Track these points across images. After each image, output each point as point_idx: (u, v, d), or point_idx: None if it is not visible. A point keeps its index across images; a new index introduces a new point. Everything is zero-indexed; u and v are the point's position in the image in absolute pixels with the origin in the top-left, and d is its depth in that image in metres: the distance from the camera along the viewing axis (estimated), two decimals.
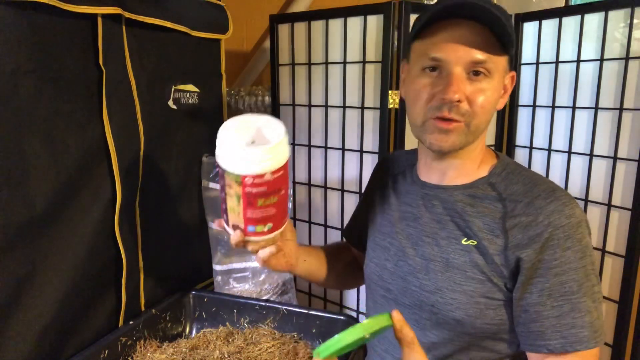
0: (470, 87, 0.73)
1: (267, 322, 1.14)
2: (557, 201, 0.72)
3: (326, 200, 1.58)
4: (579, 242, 0.71)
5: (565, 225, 0.71)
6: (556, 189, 0.75)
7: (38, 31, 0.85)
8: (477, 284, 0.75)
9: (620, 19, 1.30)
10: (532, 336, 0.72)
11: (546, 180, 0.78)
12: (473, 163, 0.81)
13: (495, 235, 0.75)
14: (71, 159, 0.93)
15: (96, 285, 1.01)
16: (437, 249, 0.80)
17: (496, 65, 0.73)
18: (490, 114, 0.77)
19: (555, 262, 0.70)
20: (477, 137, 0.78)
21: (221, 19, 1.34)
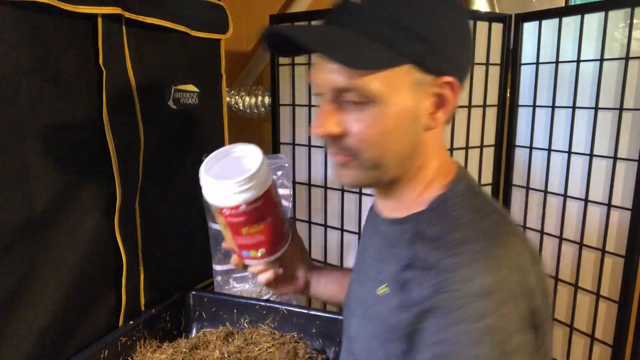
0: (347, 117, 0.57)
1: (267, 322, 1.14)
2: (458, 257, 0.53)
3: (326, 200, 1.57)
4: (473, 321, 0.50)
5: (456, 291, 0.51)
6: (473, 240, 0.54)
7: (38, 31, 0.85)
8: (379, 343, 0.61)
9: (620, 19, 1.30)
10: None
11: (480, 223, 0.56)
12: (409, 194, 0.63)
13: (396, 288, 0.59)
14: (71, 159, 0.93)
15: (96, 285, 1.01)
16: (363, 289, 0.68)
17: (385, 86, 0.54)
18: (398, 143, 0.58)
19: (435, 338, 0.52)
20: (397, 169, 0.60)
21: (221, 19, 1.34)
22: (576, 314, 1.48)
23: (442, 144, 0.64)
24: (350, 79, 0.54)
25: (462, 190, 0.61)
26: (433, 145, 0.62)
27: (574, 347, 1.50)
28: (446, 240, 0.55)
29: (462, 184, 0.62)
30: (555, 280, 1.52)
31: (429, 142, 0.61)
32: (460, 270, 0.52)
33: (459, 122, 1.54)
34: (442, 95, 0.57)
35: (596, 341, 1.43)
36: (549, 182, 1.51)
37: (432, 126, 0.59)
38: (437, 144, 0.63)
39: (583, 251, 1.44)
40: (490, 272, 0.52)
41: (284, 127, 1.63)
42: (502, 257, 0.53)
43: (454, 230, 0.56)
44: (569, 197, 1.46)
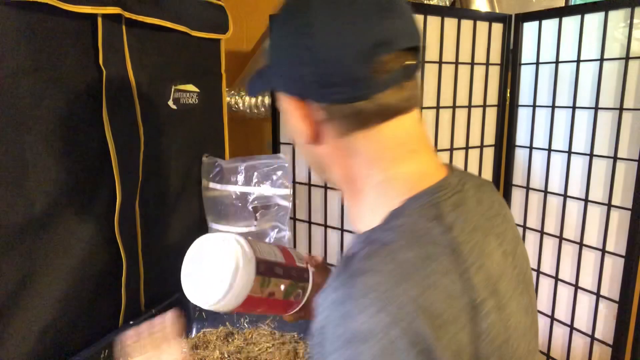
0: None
1: (267, 322, 1.14)
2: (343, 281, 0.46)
3: (326, 200, 1.58)
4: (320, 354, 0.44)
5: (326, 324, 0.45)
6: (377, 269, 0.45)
7: (38, 31, 0.85)
8: None
9: (620, 19, 1.30)
10: None
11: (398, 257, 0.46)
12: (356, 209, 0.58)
13: None
14: (71, 159, 0.93)
15: (96, 285, 1.01)
16: None
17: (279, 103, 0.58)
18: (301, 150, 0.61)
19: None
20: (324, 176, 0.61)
21: (221, 19, 1.34)
22: (576, 314, 1.48)
23: (386, 159, 0.54)
24: None
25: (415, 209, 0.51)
26: (345, 159, 0.55)
27: (574, 347, 1.50)
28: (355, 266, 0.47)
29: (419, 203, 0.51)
30: (556, 280, 1.52)
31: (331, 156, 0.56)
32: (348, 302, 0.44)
33: (459, 122, 1.54)
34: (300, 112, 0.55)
35: (596, 341, 1.43)
36: (549, 182, 1.52)
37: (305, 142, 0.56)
38: (362, 159, 0.54)
39: (583, 251, 1.44)
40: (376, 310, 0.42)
41: (284, 127, 1.63)
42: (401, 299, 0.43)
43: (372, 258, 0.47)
44: (569, 197, 1.46)
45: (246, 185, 1.27)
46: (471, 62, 1.52)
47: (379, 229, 0.51)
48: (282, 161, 1.28)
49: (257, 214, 1.29)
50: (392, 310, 0.41)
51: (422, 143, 0.56)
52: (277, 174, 1.27)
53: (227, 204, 1.28)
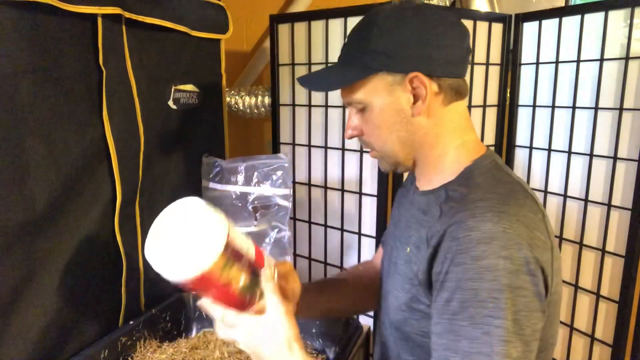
0: (359, 120, 0.78)
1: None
2: (466, 211, 0.65)
3: (326, 200, 1.57)
4: (474, 261, 0.61)
5: (460, 238, 0.63)
6: (487, 199, 0.66)
7: (38, 31, 0.85)
8: (404, 293, 0.75)
9: (620, 19, 1.30)
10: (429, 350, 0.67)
11: (498, 188, 0.69)
12: (434, 170, 0.77)
13: (424, 245, 0.71)
14: (71, 159, 0.93)
15: (96, 285, 1.02)
16: (396, 252, 0.81)
17: (366, 93, 0.74)
18: (393, 132, 0.75)
19: (446, 276, 0.64)
20: (405, 152, 0.77)
21: (221, 19, 1.34)
22: (576, 314, 1.48)
23: (461, 128, 0.76)
24: (347, 96, 0.76)
25: (487, 164, 0.74)
26: (438, 129, 0.75)
27: (574, 347, 1.50)
28: (465, 199, 0.68)
29: (487, 160, 0.74)
30: None
31: (428, 126, 0.75)
32: (469, 220, 0.63)
33: None
34: (415, 89, 0.72)
35: (596, 341, 1.43)
36: (549, 182, 1.52)
37: (416, 114, 0.73)
38: (448, 127, 0.75)
39: (583, 251, 1.44)
40: (494, 222, 0.62)
41: (284, 127, 1.63)
42: (510, 212, 0.63)
43: (473, 192, 0.68)
44: (569, 197, 1.46)
45: (246, 185, 1.27)
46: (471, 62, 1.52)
47: (464, 177, 0.72)
48: (282, 161, 1.28)
49: (257, 214, 1.29)
50: (504, 223, 0.62)
51: (471, 120, 0.79)
52: (277, 174, 1.27)
53: (227, 204, 1.28)
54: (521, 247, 0.61)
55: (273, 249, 1.30)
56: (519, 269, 0.61)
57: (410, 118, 0.74)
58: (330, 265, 1.61)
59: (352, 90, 0.75)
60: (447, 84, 0.73)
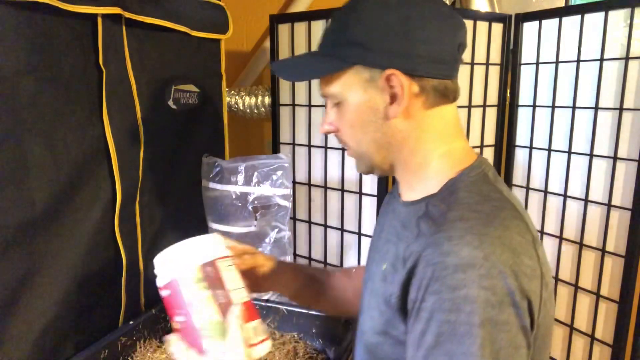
0: (335, 115, 0.70)
1: (267, 322, 1.14)
2: (443, 233, 0.57)
3: (326, 200, 1.57)
4: (451, 290, 0.54)
5: (436, 263, 0.55)
6: (468, 218, 0.58)
7: (38, 31, 0.85)
8: (379, 315, 0.67)
9: (620, 19, 1.30)
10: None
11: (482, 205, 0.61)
12: (416, 178, 0.69)
13: (400, 265, 0.63)
14: (71, 159, 0.93)
15: (96, 285, 1.02)
16: (374, 266, 0.73)
17: (341, 87, 0.66)
18: (367, 133, 0.68)
19: (421, 305, 0.57)
20: (380, 156, 0.69)
21: (221, 19, 1.34)
22: (576, 314, 1.48)
23: (447, 134, 0.68)
24: (322, 88, 0.69)
25: (474, 176, 0.65)
26: (418, 133, 0.67)
27: (574, 347, 1.50)
28: (444, 218, 0.60)
29: (475, 172, 0.66)
30: (556, 280, 1.52)
31: (406, 130, 0.66)
32: (445, 244, 0.56)
33: None
34: (392, 87, 0.64)
35: (596, 341, 1.43)
36: (549, 182, 1.51)
37: (392, 115, 0.65)
38: (431, 133, 0.67)
39: (583, 251, 1.44)
40: (474, 246, 0.55)
41: (284, 127, 1.63)
42: (492, 235, 0.56)
43: (453, 209, 0.60)
44: (569, 197, 1.46)
45: (246, 185, 1.27)
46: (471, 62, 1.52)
47: (447, 191, 0.64)
48: (282, 161, 1.28)
49: (257, 214, 1.29)
50: (486, 247, 0.55)
51: (461, 126, 0.71)
52: (277, 174, 1.27)
53: (227, 204, 1.28)
54: (505, 275, 0.54)
55: (273, 249, 1.30)
56: (502, 301, 0.53)
57: (386, 120, 0.66)
58: (330, 265, 1.61)
59: (327, 82, 0.68)
60: (430, 85, 0.64)
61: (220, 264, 0.66)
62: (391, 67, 0.62)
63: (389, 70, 0.63)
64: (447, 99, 0.66)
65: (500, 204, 0.61)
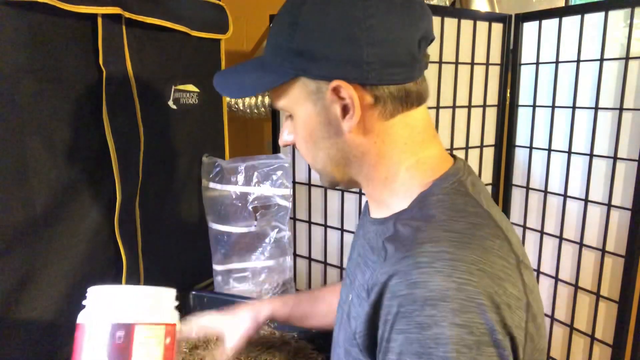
0: (289, 128, 0.64)
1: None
2: (411, 259, 0.49)
3: (326, 200, 1.58)
4: (419, 329, 0.46)
5: (402, 296, 0.48)
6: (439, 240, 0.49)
7: (38, 31, 0.85)
8: (345, 354, 0.61)
9: (620, 19, 1.30)
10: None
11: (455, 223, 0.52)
12: (384, 193, 0.61)
13: (365, 296, 0.55)
14: (71, 159, 0.93)
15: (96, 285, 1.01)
16: (343, 295, 0.67)
17: (287, 101, 0.60)
18: (321, 150, 0.60)
19: (388, 345, 0.49)
20: (340, 172, 0.62)
21: (221, 19, 1.34)
22: (576, 314, 1.48)
23: (415, 143, 0.60)
24: (271, 100, 0.64)
25: (447, 187, 0.57)
26: (379, 147, 0.59)
27: (574, 347, 1.50)
28: (412, 239, 0.51)
29: (448, 182, 0.57)
30: (556, 280, 1.52)
31: (366, 145, 0.58)
32: (413, 272, 0.48)
33: (459, 122, 1.54)
34: (342, 99, 0.56)
35: (596, 341, 1.43)
36: (549, 182, 1.52)
37: (347, 130, 0.57)
38: (395, 145, 0.59)
39: (583, 251, 1.44)
40: (446, 275, 0.46)
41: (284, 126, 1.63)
42: (467, 262, 0.47)
43: (422, 229, 0.52)
44: (569, 197, 1.46)
45: (246, 185, 1.27)
46: (471, 62, 1.52)
47: (417, 206, 0.56)
48: (282, 161, 1.28)
49: (257, 214, 1.29)
50: (460, 276, 0.46)
51: (434, 130, 0.62)
52: (277, 174, 1.27)
53: (227, 204, 1.28)
54: (483, 308, 0.46)
55: (273, 249, 1.31)
56: (479, 341, 0.45)
57: (340, 135, 0.58)
58: (329, 265, 1.61)
59: (275, 94, 0.61)
60: (386, 93, 0.55)
61: (140, 331, 0.55)
62: (337, 78, 0.54)
63: (334, 82, 0.54)
64: (411, 105, 0.57)
65: (478, 220, 0.53)
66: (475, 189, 0.58)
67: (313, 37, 0.54)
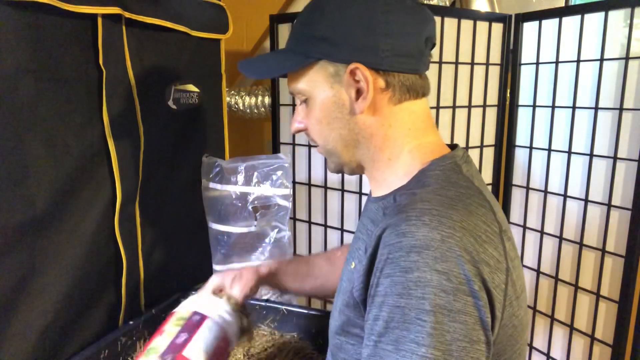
0: (303, 113, 0.69)
1: (267, 322, 1.14)
2: (402, 214, 0.55)
3: (326, 200, 1.58)
4: (403, 273, 0.51)
5: (391, 244, 0.53)
6: (429, 200, 0.56)
7: (38, 31, 0.85)
8: (339, 315, 0.66)
9: (620, 19, 1.30)
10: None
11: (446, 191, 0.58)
12: (384, 174, 0.68)
13: (364, 257, 0.60)
14: (71, 159, 0.93)
15: (96, 285, 1.02)
16: (345, 267, 0.72)
17: (307, 83, 0.66)
18: (334, 130, 0.67)
19: (376, 290, 0.54)
20: (349, 153, 0.68)
21: (221, 19, 1.34)
22: (576, 314, 1.48)
23: (417, 129, 0.66)
24: (289, 85, 0.69)
25: (445, 165, 0.63)
26: (386, 129, 0.65)
27: (574, 347, 1.50)
28: (407, 201, 0.58)
29: (445, 162, 0.64)
30: (555, 280, 1.52)
31: (374, 126, 0.65)
32: (402, 224, 0.53)
33: (459, 122, 1.54)
34: (358, 82, 0.63)
35: (596, 341, 1.43)
36: (549, 182, 1.52)
37: (358, 111, 0.64)
38: (399, 129, 0.66)
39: (583, 251, 1.44)
40: (431, 227, 0.52)
41: (284, 127, 1.63)
42: (453, 219, 0.53)
43: (418, 194, 0.58)
44: (569, 197, 1.46)
45: (246, 185, 1.27)
46: (471, 62, 1.52)
47: (415, 180, 0.63)
48: (282, 161, 1.28)
49: (257, 214, 1.29)
50: (444, 229, 0.52)
51: (433, 122, 0.70)
52: (277, 174, 1.27)
53: (227, 204, 1.28)
54: (462, 260, 0.50)
55: (273, 249, 1.31)
56: (457, 288, 0.50)
57: (352, 115, 0.65)
58: None
59: (293, 79, 0.67)
60: (397, 80, 0.63)
61: (208, 324, 0.72)
62: (355, 61, 0.62)
63: (352, 65, 0.61)
64: (416, 94, 0.65)
65: (468, 191, 0.59)
66: (470, 172, 0.64)
67: (337, 25, 0.62)
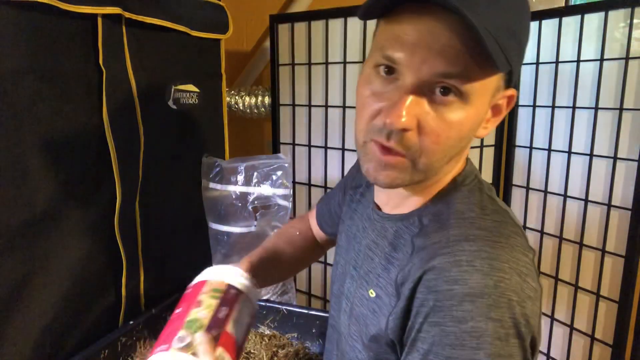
0: (430, 110, 0.51)
1: (267, 322, 1.14)
2: (448, 256, 0.50)
3: None
4: (456, 323, 0.48)
5: (440, 292, 0.49)
6: (473, 238, 0.51)
7: (38, 31, 0.85)
8: (367, 352, 0.61)
9: (620, 19, 1.30)
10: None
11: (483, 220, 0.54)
12: (421, 192, 0.60)
13: (394, 293, 0.56)
14: (71, 159, 0.93)
15: (96, 285, 1.02)
16: (352, 286, 0.66)
17: (481, 86, 0.50)
18: (453, 148, 0.54)
19: (418, 335, 0.51)
20: (432, 175, 0.57)
21: (221, 19, 1.34)
22: (576, 314, 1.48)
23: None
24: (469, 70, 0.49)
25: (469, 184, 0.59)
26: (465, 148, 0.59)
27: (574, 347, 1.50)
28: (445, 236, 0.53)
29: (469, 178, 0.60)
30: (555, 280, 1.52)
31: (468, 146, 0.59)
32: (452, 269, 0.50)
33: None
34: (499, 106, 0.56)
35: (596, 341, 1.43)
36: (549, 182, 1.52)
37: (482, 135, 0.57)
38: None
39: (583, 251, 1.44)
40: (484, 274, 0.49)
41: (284, 127, 1.63)
42: (501, 260, 0.50)
43: (455, 226, 0.54)
44: (569, 197, 1.46)
45: (246, 185, 1.27)
46: None
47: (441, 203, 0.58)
48: (282, 161, 1.28)
49: (257, 214, 1.29)
50: (496, 274, 0.49)
51: None
52: (277, 174, 1.27)
53: (227, 204, 1.28)
54: (512, 304, 0.48)
55: None
56: (508, 333, 0.48)
57: (472, 136, 0.56)
58: (329, 265, 1.61)
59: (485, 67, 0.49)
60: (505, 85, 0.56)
61: (243, 299, 0.69)
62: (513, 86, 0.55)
63: (510, 91, 0.55)
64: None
65: (500, 217, 0.56)
66: (486, 185, 0.61)
67: (523, 33, 0.53)
